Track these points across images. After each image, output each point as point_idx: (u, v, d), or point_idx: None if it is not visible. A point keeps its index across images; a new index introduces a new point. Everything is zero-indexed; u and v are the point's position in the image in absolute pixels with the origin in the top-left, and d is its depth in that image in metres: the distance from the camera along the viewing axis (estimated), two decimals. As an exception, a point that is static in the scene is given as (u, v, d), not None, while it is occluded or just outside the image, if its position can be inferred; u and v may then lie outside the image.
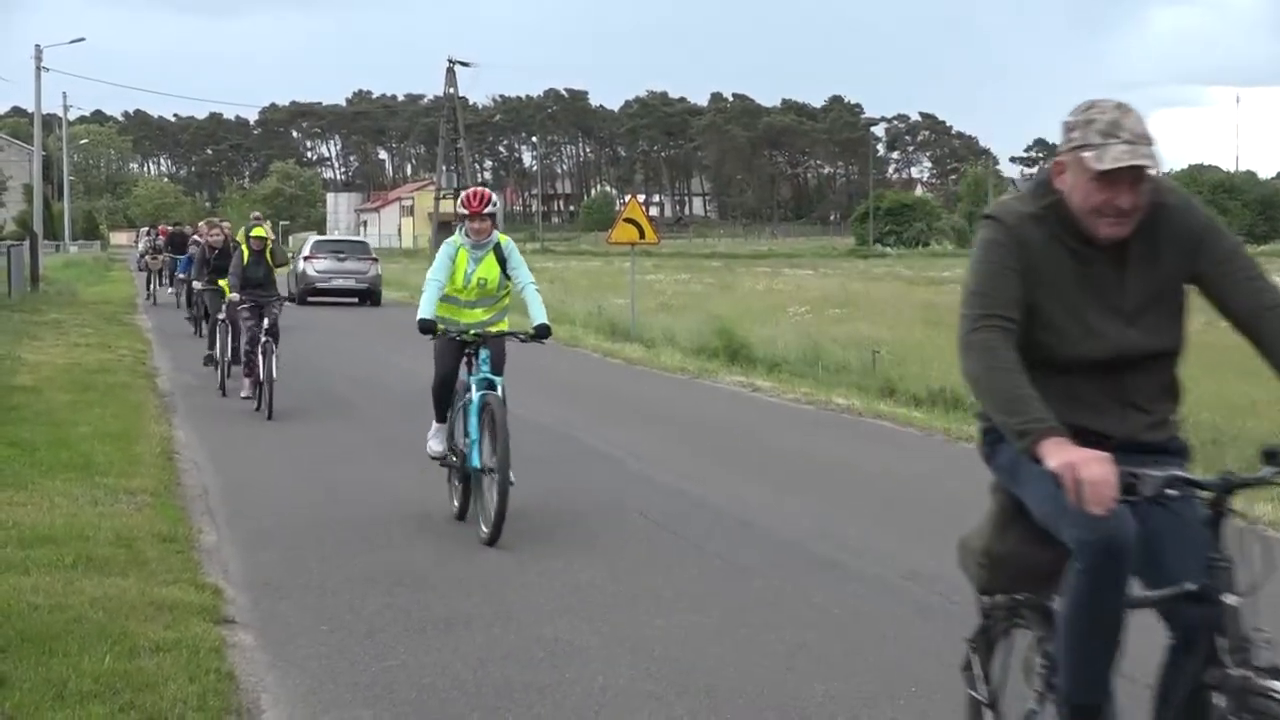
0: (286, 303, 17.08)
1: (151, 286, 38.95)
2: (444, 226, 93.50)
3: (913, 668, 6.77)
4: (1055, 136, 4.11)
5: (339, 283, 39.45)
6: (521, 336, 10.10)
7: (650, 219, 28.23)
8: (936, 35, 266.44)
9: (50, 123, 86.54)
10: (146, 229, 47.38)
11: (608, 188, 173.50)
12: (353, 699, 6.32)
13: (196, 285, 19.65)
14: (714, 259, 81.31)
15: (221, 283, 17.80)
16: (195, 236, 37.28)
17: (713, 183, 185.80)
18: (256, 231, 16.89)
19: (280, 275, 17.82)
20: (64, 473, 11.20)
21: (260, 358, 15.76)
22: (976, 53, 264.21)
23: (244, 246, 16.76)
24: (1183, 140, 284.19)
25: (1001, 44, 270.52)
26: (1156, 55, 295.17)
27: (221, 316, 17.93)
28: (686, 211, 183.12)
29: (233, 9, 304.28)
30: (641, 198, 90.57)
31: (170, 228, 41.08)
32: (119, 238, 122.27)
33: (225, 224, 21.43)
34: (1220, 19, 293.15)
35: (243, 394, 16.50)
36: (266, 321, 16.04)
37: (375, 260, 40.51)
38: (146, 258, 40.44)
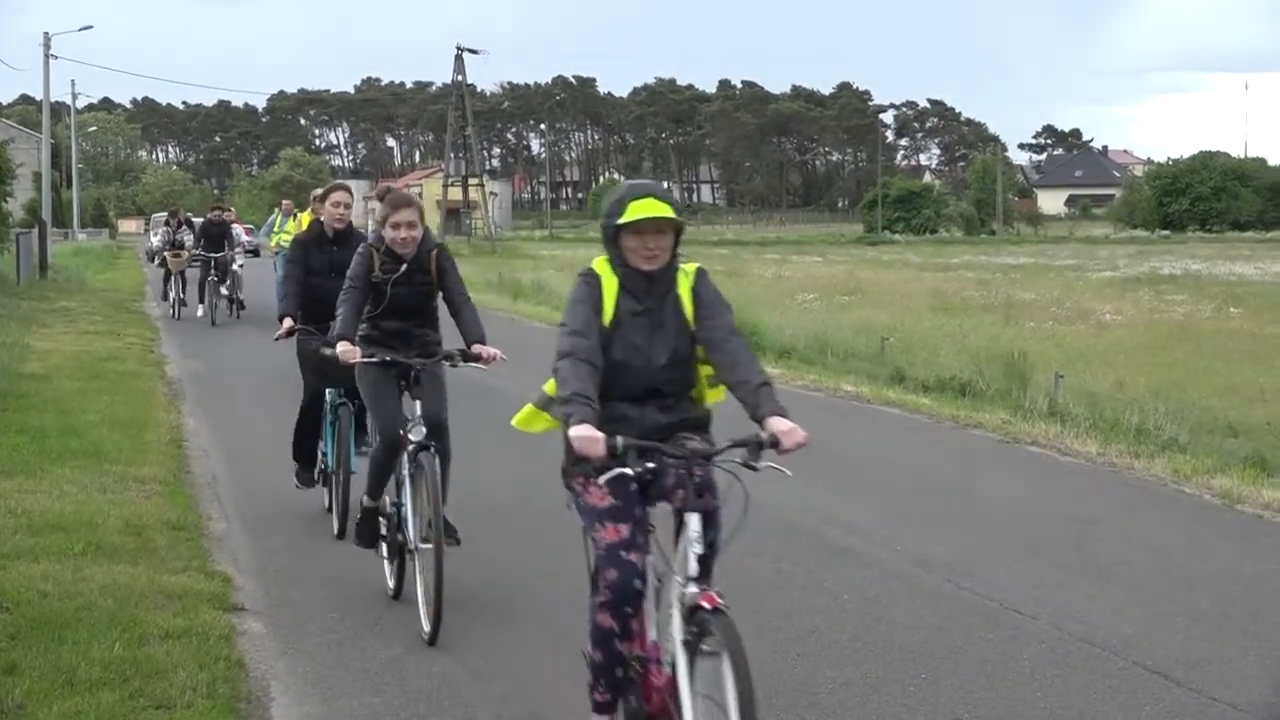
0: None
1: (173, 293, 28.39)
2: (452, 214, 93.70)
3: (922, 654, 6.76)
4: (1064, 123, 4.02)
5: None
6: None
7: (659, 206, 28.05)
8: (944, 22, 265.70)
9: (59, 110, 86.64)
10: (165, 217, 33.77)
11: (616, 175, 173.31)
12: (363, 686, 6.33)
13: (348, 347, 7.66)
14: (722, 246, 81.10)
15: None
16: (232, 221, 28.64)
17: (721, 170, 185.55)
18: None
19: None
20: (73, 460, 11.21)
21: None
22: (985, 39, 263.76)
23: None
24: (1189, 127, 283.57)
25: (1008, 30, 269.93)
26: (1156, 42, 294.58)
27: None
28: (695, 199, 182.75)
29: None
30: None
31: (201, 215, 31.13)
32: (127, 225, 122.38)
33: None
34: (1218, 4, 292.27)
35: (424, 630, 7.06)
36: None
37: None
38: (166, 253, 29.41)
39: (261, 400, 15.87)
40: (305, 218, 18.33)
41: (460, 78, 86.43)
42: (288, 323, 9.20)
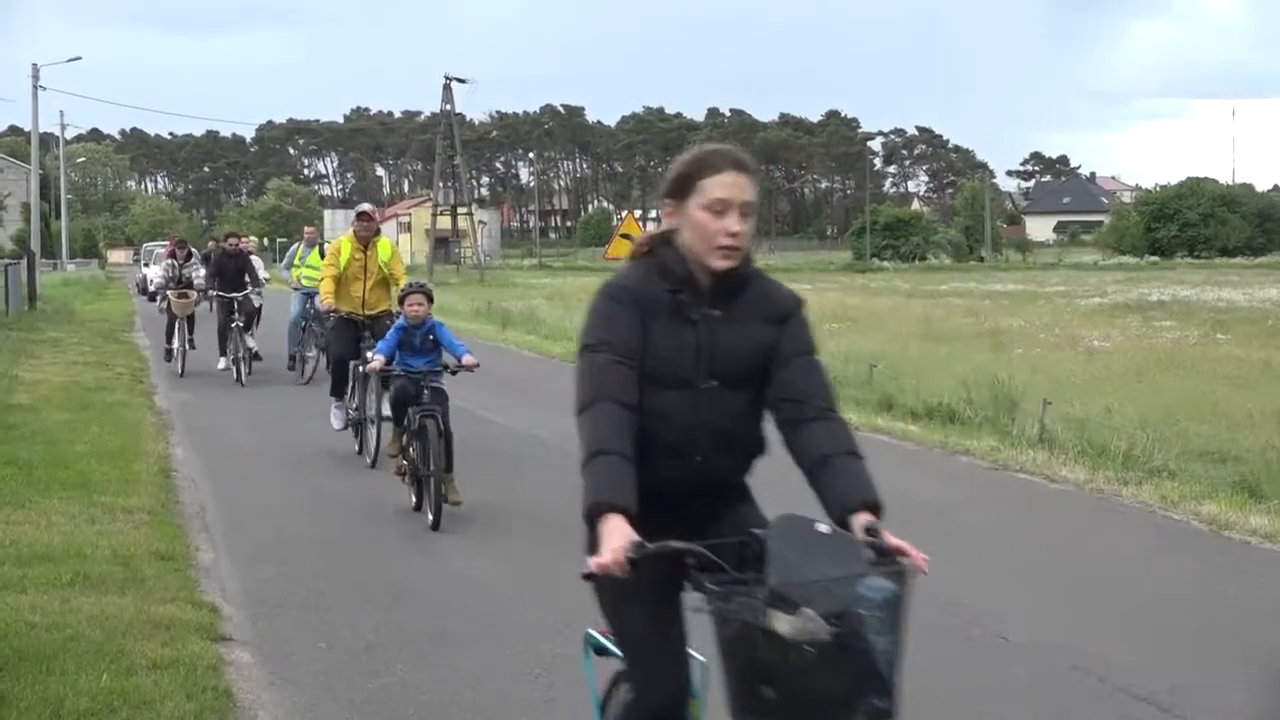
0: None
1: (177, 341, 22.37)
2: (441, 243, 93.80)
3: (906, 680, 6.75)
4: (1051, 150, 3.99)
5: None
6: None
7: (647, 234, 28.16)
8: (931, 49, 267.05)
9: (47, 141, 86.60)
10: (167, 248, 27.64)
11: (605, 203, 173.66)
12: (350, 716, 6.32)
13: None
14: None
15: None
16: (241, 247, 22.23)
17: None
18: None
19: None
20: (61, 491, 11.19)
21: None
22: (972, 67, 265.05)
23: None
24: (1177, 153, 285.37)
25: (995, 58, 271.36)
26: (1142, 69, 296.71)
27: None
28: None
29: (229, 27, 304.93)
30: (638, 213, 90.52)
31: (206, 245, 27.04)
32: (116, 256, 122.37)
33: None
34: (1199, 32, 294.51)
35: None
36: None
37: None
38: (170, 292, 23.02)
39: (250, 429, 15.86)
40: (346, 244, 14.21)
41: (449, 107, 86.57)
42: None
